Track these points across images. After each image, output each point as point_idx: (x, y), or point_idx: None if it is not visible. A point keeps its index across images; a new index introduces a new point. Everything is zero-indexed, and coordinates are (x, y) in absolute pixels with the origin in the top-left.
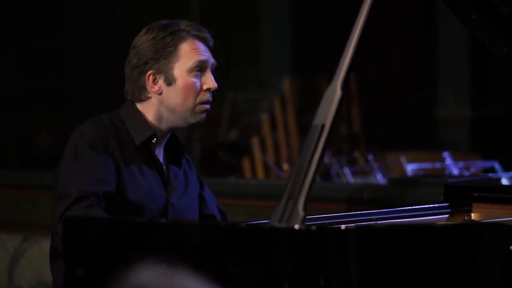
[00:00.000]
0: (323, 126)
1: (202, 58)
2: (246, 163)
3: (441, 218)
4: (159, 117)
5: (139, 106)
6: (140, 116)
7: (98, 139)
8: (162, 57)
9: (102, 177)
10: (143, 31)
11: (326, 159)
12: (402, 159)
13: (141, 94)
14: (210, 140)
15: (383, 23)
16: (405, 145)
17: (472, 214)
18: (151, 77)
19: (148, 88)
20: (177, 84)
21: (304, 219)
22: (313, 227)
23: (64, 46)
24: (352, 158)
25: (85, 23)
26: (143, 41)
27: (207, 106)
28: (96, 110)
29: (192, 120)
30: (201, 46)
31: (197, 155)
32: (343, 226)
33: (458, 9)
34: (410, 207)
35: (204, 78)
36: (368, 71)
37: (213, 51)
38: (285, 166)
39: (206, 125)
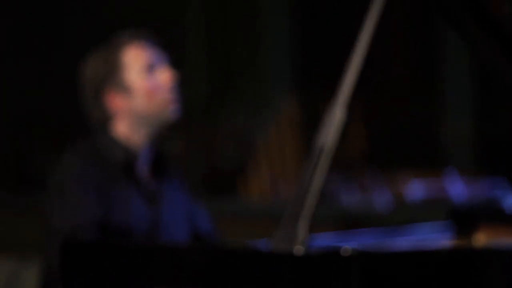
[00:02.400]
0: (326, 149)
1: (147, 57)
2: (244, 182)
3: (446, 241)
4: (133, 131)
5: (111, 128)
6: (115, 138)
7: (79, 169)
8: (111, 72)
9: (90, 208)
10: (83, 65)
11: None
12: (405, 177)
13: (107, 117)
14: (207, 158)
15: (384, 38)
16: (409, 163)
17: (478, 237)
18: (109, 95)
19: (111, 108)
20: (136, 91)
21: (305, 243)
22: (314, 252)
23: (67, 65)
24: (353, 177)
25: (89, 42)
26: (87, 70)
27: (175, 99)
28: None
29: (166, 116)
30: (143, 46)
31: (194, 172)
32: (345, 251)
33: (461, 29)
34: (413, 230)
35: (159, 74)
36: (368, 87)
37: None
38: (285, 186)
39: (203, 142)
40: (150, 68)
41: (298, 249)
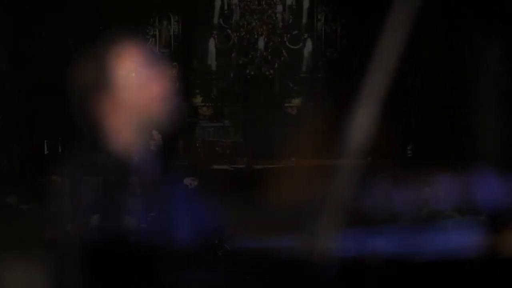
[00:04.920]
0: (349, 150)
1: (135, 60)
2: (261, 187)
3: (476, 246)
4: (126, 135)
5: (103, 133)
6: (107, 142)
7: (75, 176)
8: (99, 77)
9: (89, 214)
10: (71, 69)
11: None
12: (435, 177)
13: (99, 123)
14: (221, 162)
15: (411, 38)
16: (437, 161)
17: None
18: (97, 101)
19: (101, 113)
20: (124, 95)
21: (328, 250)
22: (337, 258)
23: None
24: (381, 177)
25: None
26: (75, 74)
27: (166, 101)
28: None
29: (156, 122)
30: (131, 49)
31: (207, 176)
32: (371, 260)
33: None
34: (442, 229)
35: (148, 79)
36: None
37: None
38: (306, 188)
39: (217, 147)
40: (138, 72)
41: (320, 254)
